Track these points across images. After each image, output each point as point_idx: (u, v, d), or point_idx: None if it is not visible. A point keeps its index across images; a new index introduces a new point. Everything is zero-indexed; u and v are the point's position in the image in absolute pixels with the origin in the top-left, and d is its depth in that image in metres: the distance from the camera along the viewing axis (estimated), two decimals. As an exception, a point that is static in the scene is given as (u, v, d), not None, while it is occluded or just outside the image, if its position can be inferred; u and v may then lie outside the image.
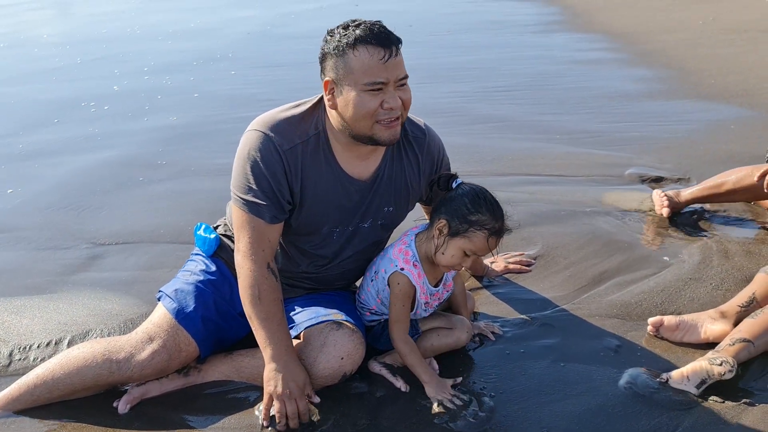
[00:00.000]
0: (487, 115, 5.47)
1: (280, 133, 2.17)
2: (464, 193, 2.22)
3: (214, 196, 3.87)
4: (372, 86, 2.05)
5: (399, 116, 2.12)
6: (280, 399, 2.10)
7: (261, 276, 2.16)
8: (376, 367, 2.38)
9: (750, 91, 5.81)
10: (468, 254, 2.22)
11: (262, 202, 2.16)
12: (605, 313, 2.70)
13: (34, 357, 2.57)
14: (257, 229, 2.18)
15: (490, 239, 2.20)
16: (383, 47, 2.04)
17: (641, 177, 4.05)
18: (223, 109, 5.99)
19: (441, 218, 2.22)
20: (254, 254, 2.17)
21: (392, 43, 2.07)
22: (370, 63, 2.04)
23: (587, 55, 7.52)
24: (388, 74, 2.06)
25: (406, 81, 2.13)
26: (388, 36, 2.07)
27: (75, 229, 3.66)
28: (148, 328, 2.30)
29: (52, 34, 11.18)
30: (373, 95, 2.07)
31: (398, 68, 2.08)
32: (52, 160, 4.80)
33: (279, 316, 2.17)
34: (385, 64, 2.05)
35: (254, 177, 2.16)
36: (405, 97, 2.12)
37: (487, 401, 2.23)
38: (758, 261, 3.03)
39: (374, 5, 11.77)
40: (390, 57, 2.05)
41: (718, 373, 2.19)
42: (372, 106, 2.07)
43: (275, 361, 2.13)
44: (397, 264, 2.28)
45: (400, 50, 2.10)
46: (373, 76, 2.04)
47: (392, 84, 2.08)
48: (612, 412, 2.16)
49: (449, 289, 2.46)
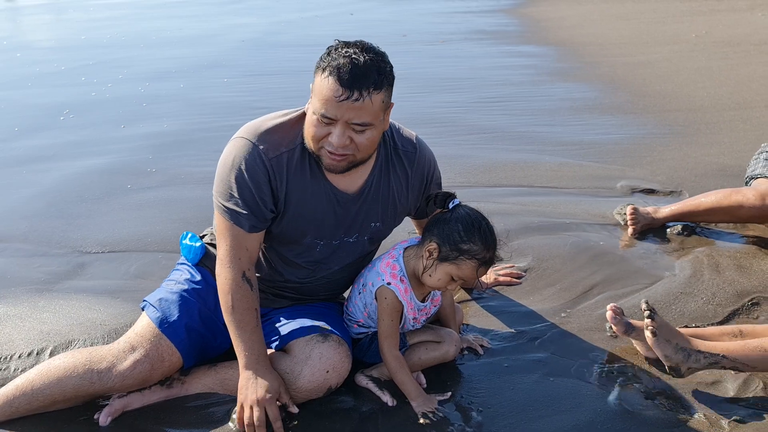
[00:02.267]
0: (480, 126, 5.46)
1: (266, 142, 2.15)
2: (459, 218, 2.18)
3: (202, 204, 3.84)
4: (321, 117, 2.02)
5: (344, 154, 2.07)
6: (248, 406, 2.09)
7: (235, 284, 2.15)
8: (363, 380, 2.35)
9: (742, 105, 5.82)
10: (455, 279, 2.21)
11: (242, 211, 2.14)
12: (595, 327, 2.67)
13: (14, 367, 2.52)
14: (236, 237, 2.16)
15: (480, 269, 2.19)
16: (343, 87, 1.96)
17: (633, 189, 4.04)
18: (214, 116, 5.96)
19: (432, 241, 2.19)
20: (231, 262, 2.17)
21: (357, 86, 1.96)
22: (325, 95, 1.99)
23: (581, 68, 7.54)
24: (338, 113, 2.00)
25: (365, 128, 2.04)
26: (357, 77, 1.96)
27: (61, 237, 3.62)
28: (130, 338, 2.26)
29: (45, 39, 11.15)
30: (322, 125, 2.04)
31: (354, 112, 1.99)
32: (40, 167, 4.75)
33: (252, 325, 2.15)
34: (338, 103, 1.98)
35: (237, 185, 2.14)
36: (358, 140, 2.05)
37: (475, 416, 2.20)
38: (749, 275, 3.01)
39: (369, 14, 11.80)
40: (346, 99, 1.97)
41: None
42: (319, 134, 2.06)
43: (248, 369, 2.12)
44: (384, 278, 2.25)
45: (368, 96, 1.98)
46: (323, 107, 2.01)
47: (341, 123, 2.01)
48: (601, 428, 2.14)
49: (437, 303, 2.43)
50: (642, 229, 3.44)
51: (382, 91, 2.03)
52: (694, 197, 3.47)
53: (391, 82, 2.07)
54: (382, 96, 2.03)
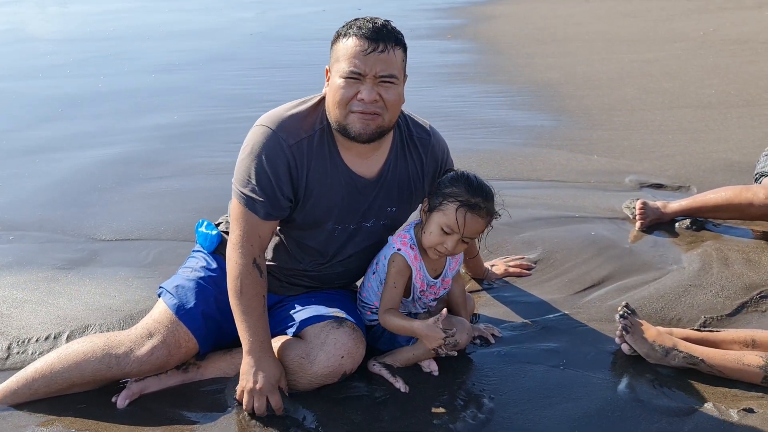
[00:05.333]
0: (489, 120, 5.48)
1: (286, 129, 2.18)
2: (449, 173, 2.30)
3: (215, 194, 3.87)
4: (349, 74, 2.07)
5: (375, 112, 2.11)
6: (249, 393, 2.14)
7: (245, 270, 2.19)
8: (376, 367, 2.38)
9: (750, 102, 5.83)
10: (446, 231, 2.22)
11: (259, 198, 2.17)
12: (605, 317, 2.70)
13: (32, 351, 2.56)
14: (250, 222, 2.20)
15: (459, 211, 2.19)
16: (368, 40, 2.06)
17: (641, 184, 4.06)
18: (224, 108, 6.00)
19: (425, 198, 2.30)
20: (242, 247, 2.20)
21: (381, 39, 2.07)
22: (352, 52, 2.07)
23: (590, 63, 7.55)
24: (365, 66, 2.06)
25: (392, 81, 2.11)
26: (379, 31, 2.08)
27: (75, 225, 3.66)
28: (148, 324, 2.29)
29: (52, 31, 11.18)
30: (350, 84, 2.09)
31: (380, 64, 2.07)
32: (53, 156, 4.79)
33: (259, 311, 2.19)
34: (365, 56, 2.06)
35: (255, 173, 2.17)
36: (386, 96, 2.11)
37: (487, 403, 2.22)
38: (758, 269, 3.03)
39: (377, 8, 11.80)
40: (372, 51, 2.06)
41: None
42: (347, 95, 2.09)
43: (250, 355, 2.16)
44: (394, 246, 2.31)
45: (391, 49, 2.09)
46: (350, 64, 2.07)
47: (370, 77, 2.08)
48: (611, 416, 2.16)
49: (447, 286, 2.45)
50: (651, 224, 3.46)
51: (401, 49, 2.13)
52: (703, 193, 3.49)
53: (405, 48, 2.17)
54: (401, 54, 2.14)
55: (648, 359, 2.38)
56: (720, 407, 2.18)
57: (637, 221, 3.46)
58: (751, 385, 2.28)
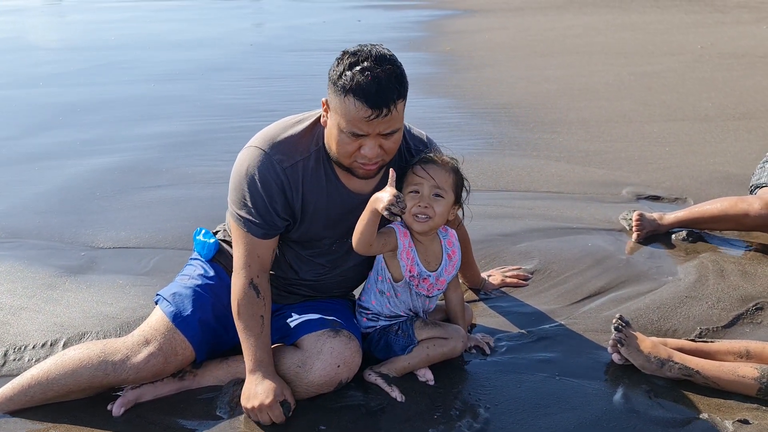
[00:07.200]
0: (486, 131, 5.50)
1: (281, 152, 2.20)
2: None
3: (213, 203, 3.88)
4: (352, 134, 2.07)
5: (376, 162, 2.14)
6: (252, 413, 2.15)
7: (242, 292, 2.22)
8: (372, 376, 2.38)
9: (747, 115, 5.86)
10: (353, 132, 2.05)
11: (255, 219, 2.20)
12: (601, 328, 2.70)
13: (29, 357, 2.56)
14: (249, 243, 2.23)
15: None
16: (372, 108, 2.00)
17: (638, 196, 4.08)
18: (223, 117, 6.01)
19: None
20: (242, 269, 2.24)
21: (384, 104, 2.00)
22: (354, 116, 2.03)
23: (588, 75, 7.58)
24: (369, 130, 2.05)
25: (395, 133, 2.11)
26: (382, 95, 2.00)
27: (73, 232, 3.66)
28: (144, 331, 2.29)
29: (51, 40, 11.21)
30: (353, 139, 2.08)
31: (384, 125, 2.05)
32: (52, 164, 4.80)
33: (257, 331, 2.21)
34: (369, 122, 2.03)
35: (250, 194, 2.19)
36: (387, 146, 2.12)
37: (482, 413, 2.23)
38: (753, 280, 3.05)
39: (376, 20, 11.86)
40: (377, 117, 2.02)
41: None
42: (350, 150, 2.11)
43: (251, 373, 2.18)
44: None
45: (394, 108, 2.03)
46: (354, 128, 2.05)
47: (373, 135, 2.07)
48: (606, 426, 2.16)
49: (442, 287, 2.45)
50: (647, 235, 3.48)
51: (403, 100, 2.09)
52: (699, 204, 3.51)
53: (408, 86, 2.12)
54: (403, 103, 2.10)
55: (643, 370, 2.39)
56: (715, 418, 2.19)
57: (634, 233, 3.47)
58: (746, 396, 2.29)
